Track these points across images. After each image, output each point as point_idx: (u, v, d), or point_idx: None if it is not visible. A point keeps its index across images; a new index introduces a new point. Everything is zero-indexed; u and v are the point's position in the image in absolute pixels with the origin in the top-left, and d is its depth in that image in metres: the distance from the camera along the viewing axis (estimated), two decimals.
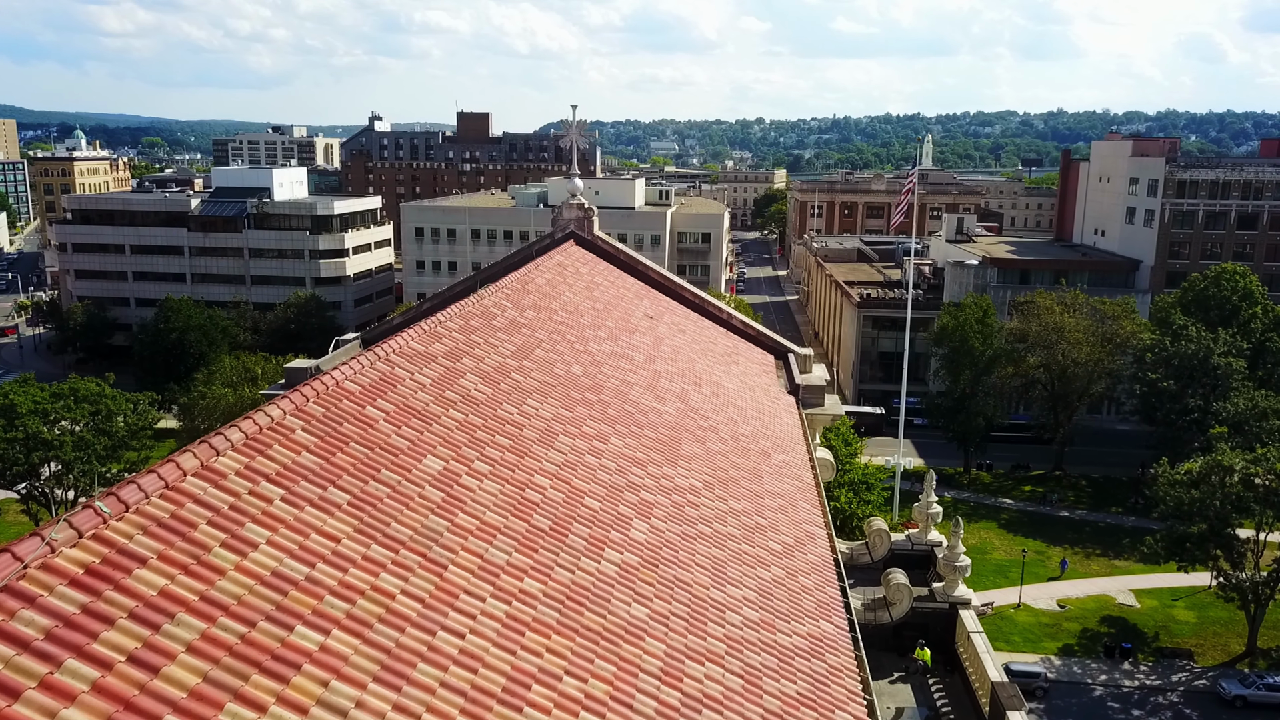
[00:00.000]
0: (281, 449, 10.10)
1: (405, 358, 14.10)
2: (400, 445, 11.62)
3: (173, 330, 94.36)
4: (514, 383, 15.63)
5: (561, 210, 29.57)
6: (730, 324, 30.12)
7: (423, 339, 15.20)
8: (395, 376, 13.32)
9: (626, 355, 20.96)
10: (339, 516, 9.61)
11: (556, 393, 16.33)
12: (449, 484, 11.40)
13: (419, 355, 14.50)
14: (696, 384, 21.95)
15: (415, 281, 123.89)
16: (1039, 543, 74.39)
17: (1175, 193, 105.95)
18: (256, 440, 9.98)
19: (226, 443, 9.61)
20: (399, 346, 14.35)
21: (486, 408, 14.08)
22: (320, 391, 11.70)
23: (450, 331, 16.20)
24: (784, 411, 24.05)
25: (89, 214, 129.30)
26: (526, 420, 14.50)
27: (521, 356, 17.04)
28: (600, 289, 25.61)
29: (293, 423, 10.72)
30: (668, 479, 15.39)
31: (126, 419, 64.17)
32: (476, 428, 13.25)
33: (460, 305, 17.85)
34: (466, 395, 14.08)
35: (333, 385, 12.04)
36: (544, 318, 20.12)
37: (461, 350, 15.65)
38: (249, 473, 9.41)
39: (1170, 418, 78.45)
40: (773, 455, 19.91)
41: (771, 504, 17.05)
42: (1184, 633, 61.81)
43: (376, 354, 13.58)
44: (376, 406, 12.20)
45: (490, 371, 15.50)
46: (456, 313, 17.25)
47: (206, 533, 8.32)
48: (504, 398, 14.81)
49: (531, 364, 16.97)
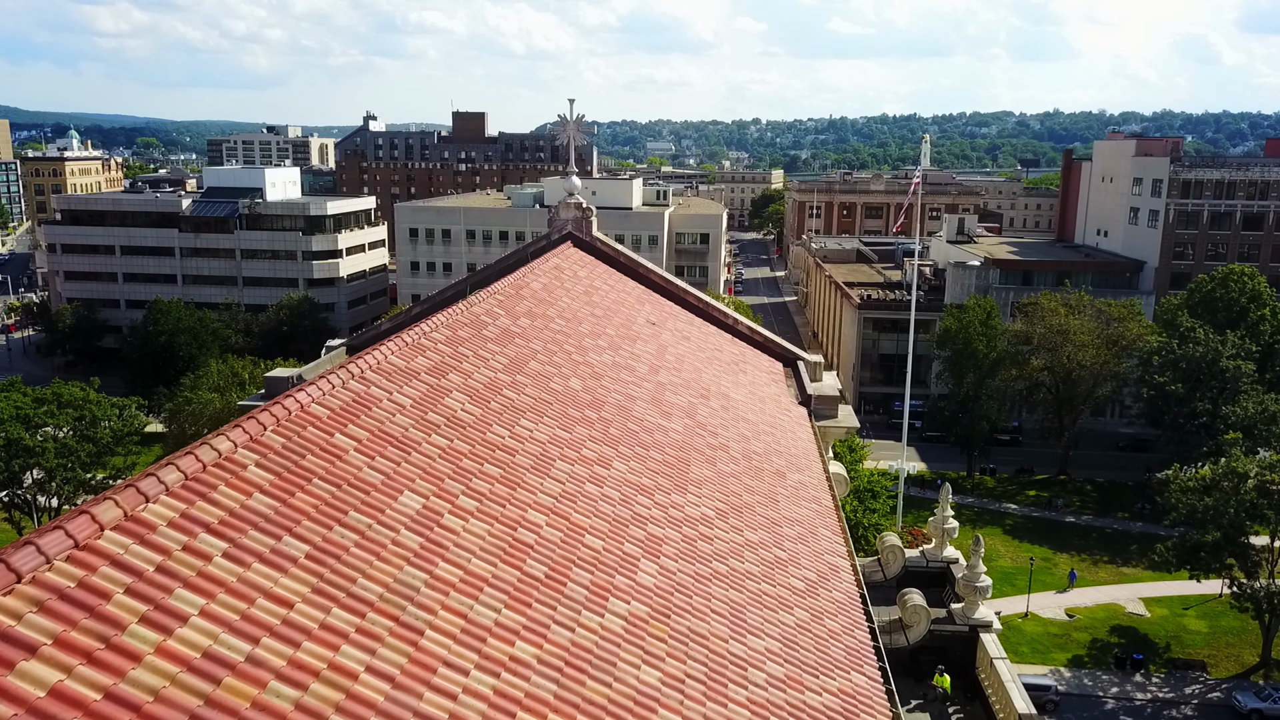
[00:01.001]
0: (228, 491, 8.54)
1: (383, 375, 12.54)
2: (373, 480, 10.06)
3: (162, 333, 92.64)
4: (506, 401, 14.08)
5: (558, 210, 28.04)
6: (736, 330, 28.59)
7: (404, 352, 13.64)
8: (371, 397, 11.76)
9: (629, 366, 19.42)
10: (294, 574, 8.05)
11: (553, 411, 14.77)
12: (429, 525, 9.85)
13: (399, 371, 12.94)
14: (704, 396, 20.40)
15: (410, 283, 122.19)
16: (1045, 549, 72.98)
17: (1180, 193, 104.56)
18: (198, 481, 8.42)
19: (159, 486, 8.05)
20: (377, 361, 12.80)
21: (474, 431, 12.53)
22: (281, 418, 10.14)
23: (436, 343, 14.64)
24: (796, 425, 22.51)
25: (78, 214, 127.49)
26: (519, 444, 12.95)
27: (514, 370, 15.48)
28: (600, 293, 24.07)
29: (244, 457, 9.16)
30: (677, 508, 13.84)
31: (112, 425, 62.47)
32: (463, 455, 11.69)
33: (448, 313, 16.30)
34: (452, 417, 12.53)
35: (296, 410, 10.48)
36: (539, 326, 18.58)
37: (448, 365, 14.09)
38: (184, 523, 7.85)
39: (1178, 421, 77.06)
40: (788, 475, 18.37)
41: (790, 532, 15.51)
42: (1196, 643, 60.38)
43: (350, 371, 12.02)
44: (347, 434, 10.64)
45: (480, 388, 13.95)
46: (443, 322, 15.70)
47: (122, 605, 6.76)
48: (494, 418, 13.26)
49: (525, 379, 15.42)
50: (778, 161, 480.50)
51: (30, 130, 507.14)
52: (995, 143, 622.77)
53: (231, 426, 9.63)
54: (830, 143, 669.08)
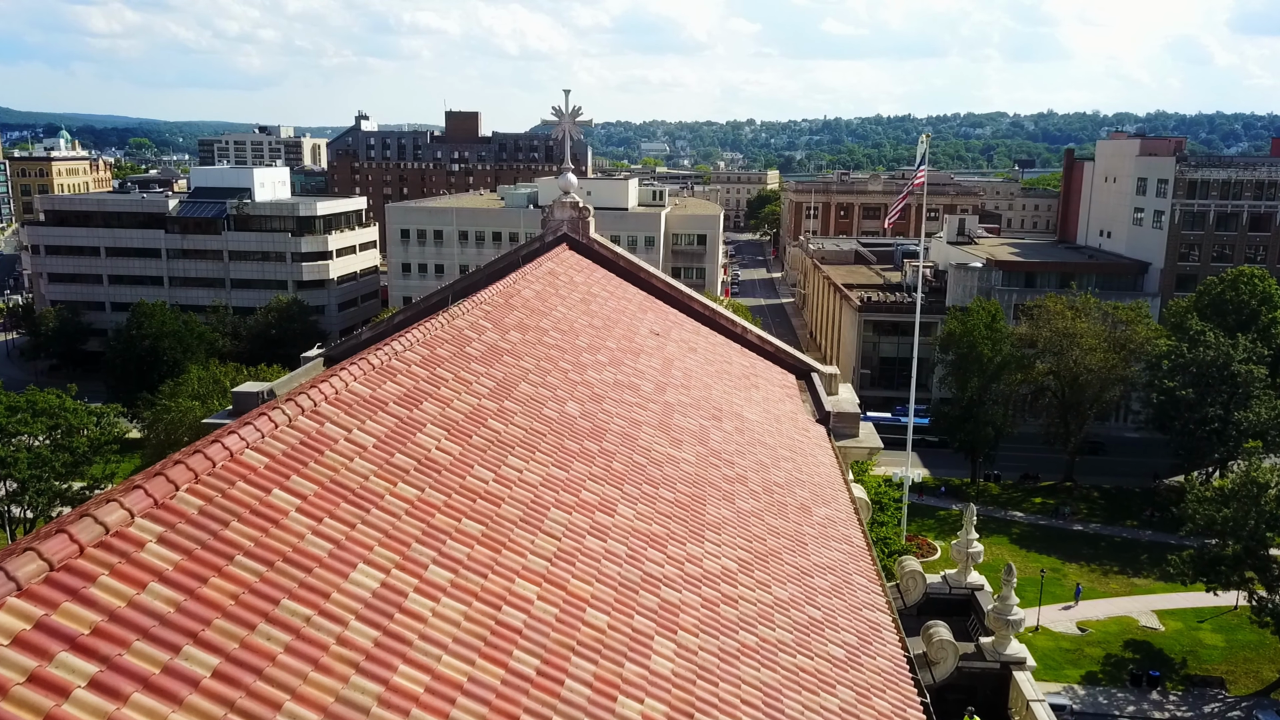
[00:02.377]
0: (112, 584, 6.38)
1: (342, 407, 10.39)
2: (317, 552, 7.90)
3: (145, 337, 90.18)
4: (491, 434, 11.92)
5: (553, 210, 25.89)
6: (745, 339, 26.48)
7: (370, 378, 11.49)
8: (324, 437, 9.60)
9: (632, 385, 17.28)
10: (192, 705, 5.89)
11: (547, 444, 12.62)
12: (387, 613, 7.69)
13: (363, 402, 10.78)
14: (715, 417, 18.27)
15: (401, 285, 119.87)
16: (1054, 559, 70.95)
17: (1186, 193, 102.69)
18: (70, 571, 6.27)
19: (9, 584, 5.90)
20: (335, 390, 10.64)
21: (451, 475, 10.37)
22: (202, 471, 7.98)
23: (409, 365, 12.48)
24: (816, 447, 20.39)
25: (63, 215, 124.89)
26: (506, 489, 10.79)
27: (502, 395, 13.33)
28: (598, 301, 21.94)
29: (143, 531, 7.00)
30: (694, 562, 11.70)
31: (90, 433, 60.12)
32: (435, 509, 9.54)
33: (426, 327, 14.14)
34: (425, 459, 10.37)
35: (224, 459, 8.33)
36: (532, 340, 16.43)
37: (422, 391, 11.93)
38: (38, 638, 5.69)
39: (1189, 427, 75.11)
40: (813, 510, 16.25)
41: (823, 584, 13.37)
42: (1213, 658, 58.39)
43: (300, 404, 9.87)
44: (289, 488, 8.49)
45: (460, 420, 11.79)
46: (420, 338, 13.54)
47: None
48: (476, 457, 11.10)
49: (515, 405, 13.27)
50: (772, 162, 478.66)
51: (22, 131, 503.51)
52: (990, 143, 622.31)
53: (129, 487, 7.48)
54: (825, 143, 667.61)
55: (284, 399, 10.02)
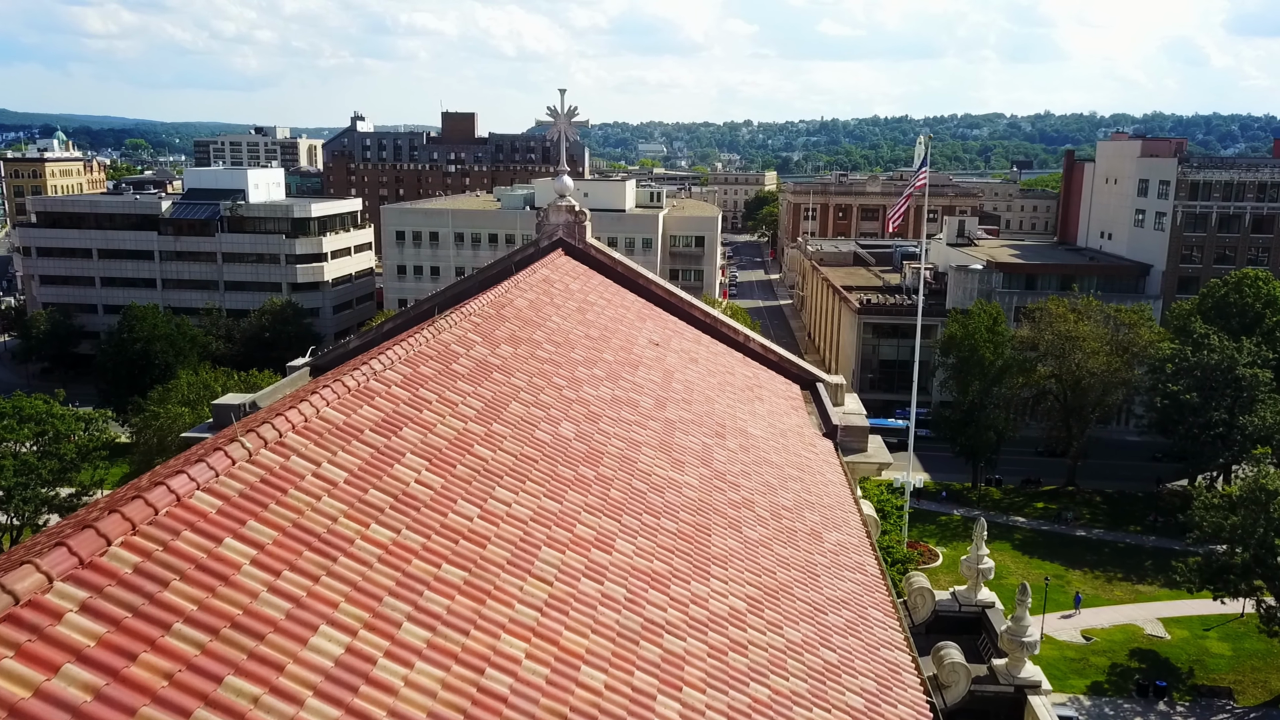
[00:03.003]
0: (14, 669, 5.38)
1: (312, 438, 9.39)
2: (272, 614, 6.90)
3: (137, 340, 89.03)
4: (477, 462, 10.92)
5: (548, 214, 24.89)
6: (748, 348, 25.48)
7: (345, 402, 10.49)
8: (288, 474, 8.61)
9: (631, 401, 16.28)
10: None
11: (538, 472, 11.62)
12: (352, 686, 6.69)
13: (335, 431, 9.78)
14: (719, 434, 17.28)
15: (396, 287, 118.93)
16: (1057, 565, 70.05)
17: (1188, 195, 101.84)
18: None
19: None
20: (305, 418, 9.64)
21: (432, 512, 9.37)
22: (140, 521, 6.98)
23: (389, 386, 11.48)
24: (824, 464, 19.41)
25: (55, 216, 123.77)
26: (493, 526, 9.79)
27: (491, 417, 12.33)
28: (595, 310, 20.95)
29: (63, 598, 6.00)
30: (699, 603, 10.70)
31: (77, 440, 59.01)
32: (412, 554, 8.54)
33: (410, 343, 13.15)
34: (402, 494, 9.37)
35: (169, 504, 7.33)
36: (524, 354, 15.44)
37: (402, 416, 10.93)
38: None
39: (1193, 432, 74.20)
40: (824, 536, 15.26)
41: (838, 620, 12.39)
42: (1220, 667, 57.45)
43: (263, 435, 8.86)
44: (243, 537, 7.49)
45: (443, 447, 10.79)
46: (402, 355, 12.55)
47: None
48: (460, 490, 10.10)
49: (504, 427, 12.27)
50: (770, 163, 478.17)
51: (18, 131, 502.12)
52: (987, 144, 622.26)
53: (54, 541, 6.48)
54: (822, 144, 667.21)
55: (245, 429, 9.02)
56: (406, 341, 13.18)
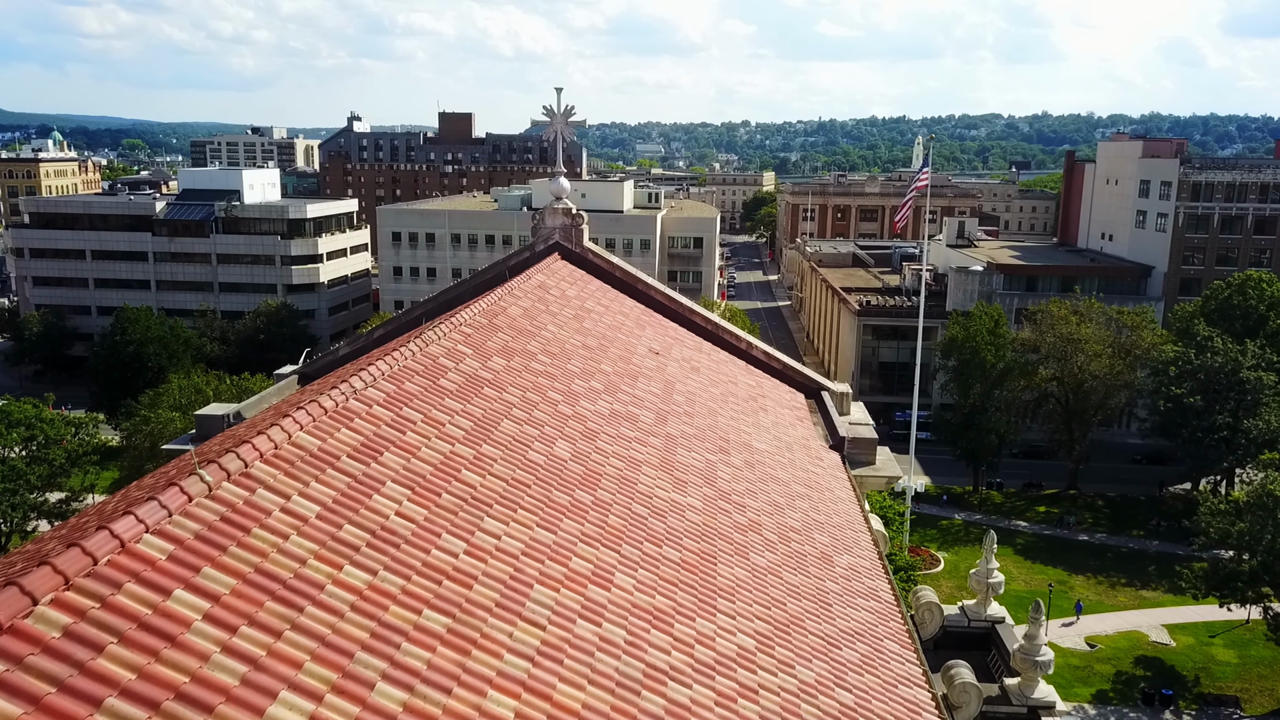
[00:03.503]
0: None
1: (282, 467, 8.55)
2: (224, 681, 6.05)
3: (130, 342, 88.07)
4: (464, 490, 10.08)
5: (544, 216, 24.05)
6: (750, 355, 24.66)
7: (321, 425, 9.65)
8: (252, 511, 7.77)
9: (630, 416, 15.45)
10: None
11: (531, 498, 10.78)
12: None
13: (308, 459, 8.94)
14: (723, 450, 16.46)
15: (393, 289, 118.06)
16: (1060, 571, 69.27)
17: (1190, 196, 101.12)
18: None
19: None
20: (275, 445, 8.80)
21: (413, 550, 8.53)
22: (76, 572, 6.14)
23: (370, 405, 10.65)
24: (832, 479, 18.59)
25: (48, 217, 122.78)
26: (480, 563, 8.95)
27: (480, 437, 11.50)
28: (593, 317, 20.13)
29: None
30: (705, 642, 9.87)
31: (68, 444, 58.09)
32: (390, 600, 7.70)
33: (395, 356, 12.32)
34: (381, 530, 8.53)
35: (112, 551, 6.49)
36: (517, 366, 14.60)
37: (384, 439, 10.09)
38: None
39: (1196, 435, 73.43)
40: (835, 560, 14.43)
41: (852, 656, 11.56)
42: (1226, 675, 56.67)
43: (226, 466, 8.03)
44: (196, 588, 6.65)
45: (427, 474, 9.95)
46: (386, 371, 11.71)
47: None
48: (445, 522, 9.27)
49: (495, 449, 11.43)
50: (767, 163, 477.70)
51: (14, 132, 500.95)
52: (985, 145, 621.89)
53: None
54: (820, 145, 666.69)
55: (204, 461, 8.18)
56: (391, 355, 12.35)
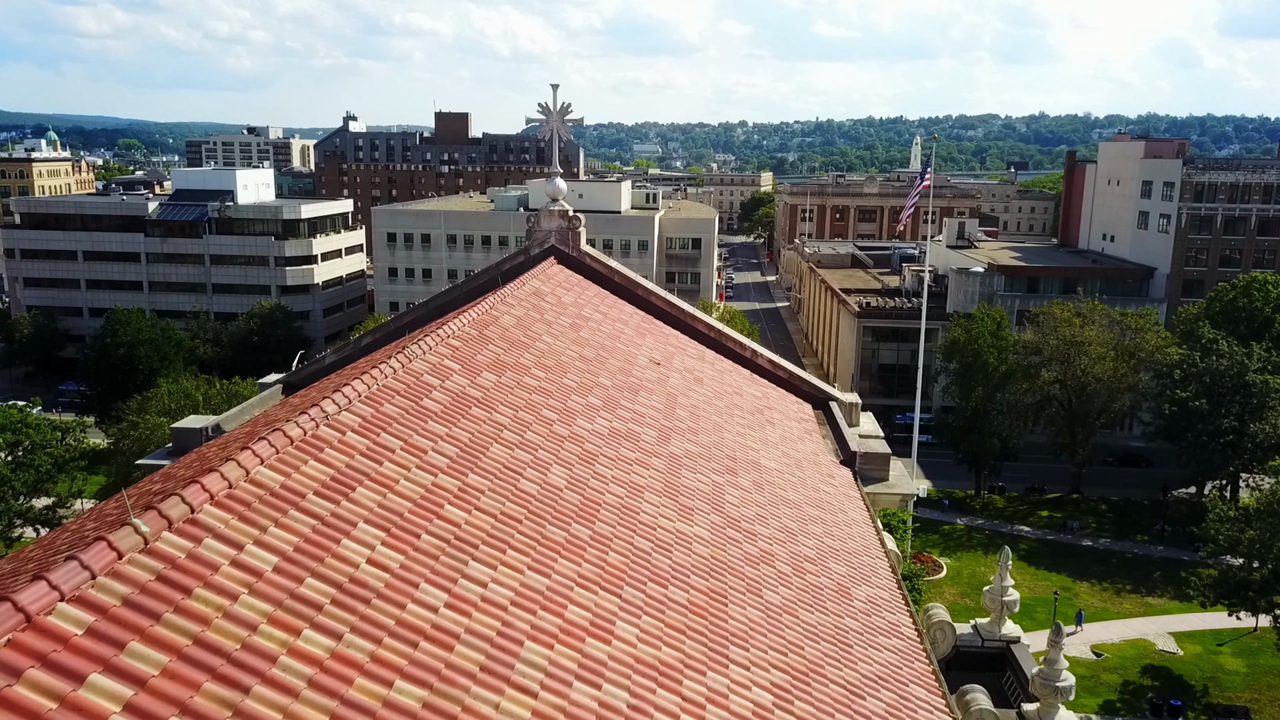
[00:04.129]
0: None
1: (235, 511, 7.46)
2: None
3: (120, 344, 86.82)
4: (447, 529, 8.99)
5: (540, 219, 23.00)
6: (755, 364, 23.61)
7: (286, 457, 8.56)
8: (195, 567, 6.68)
9: (631, 434, 14.37)
10: None
11: (522, 535, 9.69)
12: None
13: (268, 499, 7.85)
14: (730, 470, 15.38)
15: (388, 290, 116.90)
16: (1064, 577, 68.23)
17: (1193, 196, 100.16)
18: None
19: None
20: (230, 483, 7.71)
21: (386, 605, 7.43)
22: None
23: (344, 432, 9.56)
24: (845, 498, 17.52)
25: (40, 218, 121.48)
26: (463, 618, 7.86)
27: (467, 465, 10.41)
28: (590, 325, 19.05)
29: None
30: (718, 700, 8.78)
31: (53, 451, 56.91)
32: (355, 670, 6.60)
33: (375, 373, 11.23)
34: (349, 583, 7.44)
35: (15, 628, 5.41)
36: (509, 382, 13.52)
37: (356, 472, 9.00)
38: None
39: (1201, 439, 72.40)
40: (853, 592, 13.35)
41: (877, 707, 10.47)
42: (1235, 685, 55.65)
43: (167, 514, 6.93)
44: (116, 670, 5.56)
45: (405, 511, 8.86)
46: (363, 392, 10.63)
47: None
48: (423, 570, 8.18)
49: (483, 478, 10.35)
50: (765, 164, 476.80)
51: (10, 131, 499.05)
52: (982, 145, 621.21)
53: None
54: (817, 145, 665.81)
55: (144, 504, 7.10)
56: (370, 373, 11.25)
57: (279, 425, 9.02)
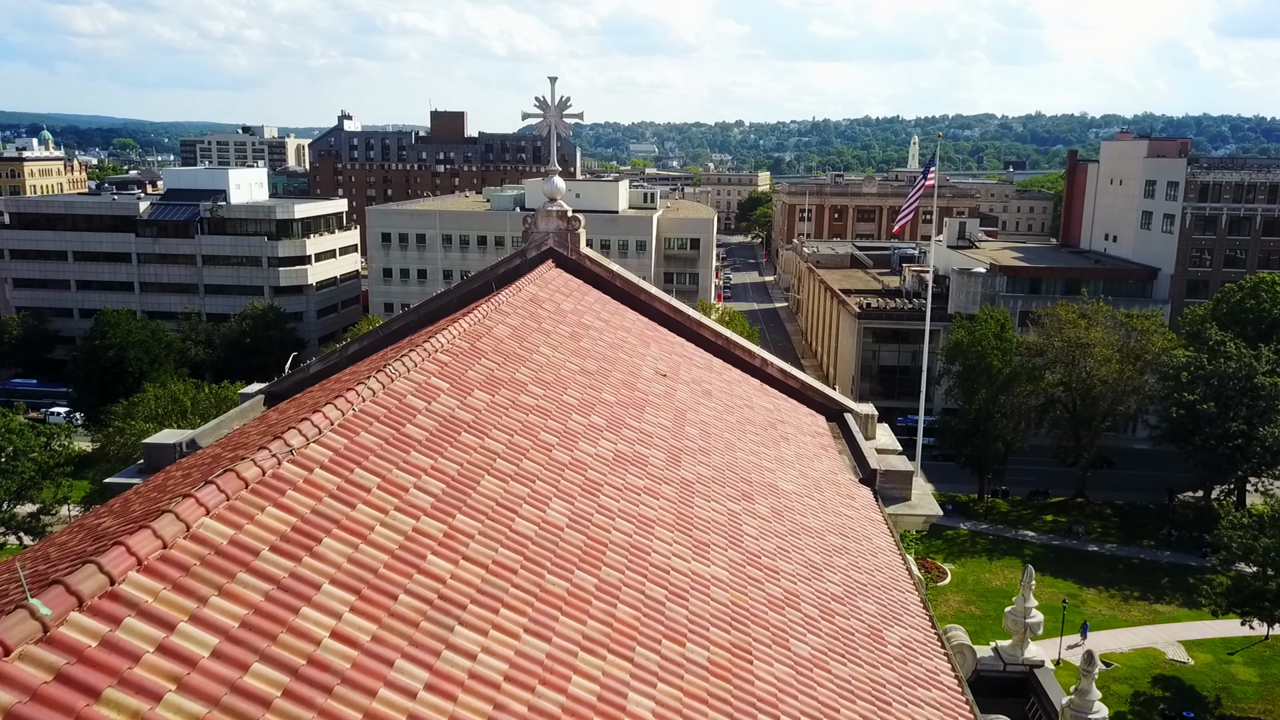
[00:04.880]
0: None
1: (168, 580, 6.12)
2: None
3: (110, 346, 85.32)
4: (429, 587, 7.65)
5: (536, 220, 21.64)
6: (765, 373, 22.29)
7: (236, 507, 7.22)
8: (109, 655, 5.35)
9: (638, 457, 13.04)
10: None
11: (518, 589, 8.35)
12: None
13: (210, 562, 6.51)
14: (745, 496, 14.06)
15: (382, 291, 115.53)
16: (1071, 584, 67.00)
17: (1197, 196, 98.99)
18: None
19: None
20: (165, 541, 6.37)
21: (351, 696, 6.09)
22: None
23: (311, 469, 8.23)
24: (868, 522, 16.21)
25: (29, 218, 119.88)
26: (448, 701, 6.51)
27: (453, 504, 9.08)
28: (592, 335, 17.73)
29: None
30: None
31: (36, 457, 55.47)
32: None
33: (350, 398, 9.89)
34: (305, 669, 6.09)
35: None
36: (504, 402, 12.19)
37: (323, 520, 7.66)
38: None
39: (1209, 443, 71.20)
40: (885, 634, 12.04)
41: None
42: (1248, 695, 54.45)
43: (77, 590, 5.60)
44: None
45: (379, 568, 7.52)
46: (336, 419, 9.29)
47: None
48: (399, 642, 6.83)
49: (472, 518, 9.01)
50: (761, 164, 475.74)
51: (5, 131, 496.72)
52: (979, 145, 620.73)
53: None
54: (813, 145, 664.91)
55: (41, 581, 5.76)
56: (346, 395, 9.91)
57: (231, 467, 7.68)
